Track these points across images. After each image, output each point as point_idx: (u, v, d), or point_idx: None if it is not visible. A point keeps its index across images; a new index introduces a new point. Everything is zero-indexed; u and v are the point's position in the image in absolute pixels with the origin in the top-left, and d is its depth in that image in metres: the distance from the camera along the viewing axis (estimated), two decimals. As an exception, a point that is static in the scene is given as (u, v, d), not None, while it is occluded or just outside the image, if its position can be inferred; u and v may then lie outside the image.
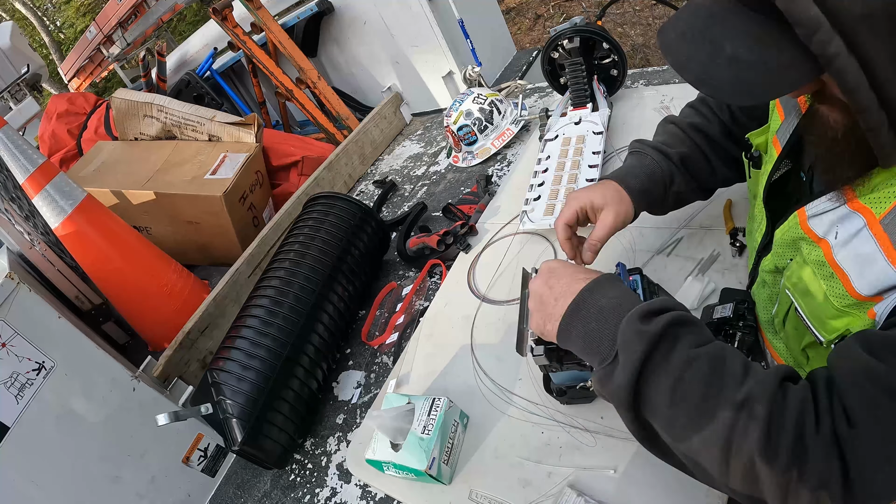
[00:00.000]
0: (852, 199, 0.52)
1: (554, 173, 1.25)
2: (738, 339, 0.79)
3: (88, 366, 1.07)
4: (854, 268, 0.51)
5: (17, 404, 0.97)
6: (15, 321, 0.98)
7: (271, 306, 1.18)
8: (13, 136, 1.38)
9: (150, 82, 2.90)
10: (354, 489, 1.02)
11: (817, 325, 0.57)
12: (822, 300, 0.55)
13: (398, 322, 1.26)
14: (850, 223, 0.52)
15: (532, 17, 4.55)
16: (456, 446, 0.86)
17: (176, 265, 1.64)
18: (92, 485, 1.05)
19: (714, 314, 0.82)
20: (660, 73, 1.56)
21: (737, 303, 0.79)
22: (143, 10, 2.73)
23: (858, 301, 0.51)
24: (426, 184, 1.73)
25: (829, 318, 0.55)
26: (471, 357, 1.02)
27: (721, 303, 0.84)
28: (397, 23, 1.98)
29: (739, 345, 0.78)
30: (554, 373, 0.80)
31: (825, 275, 0.54)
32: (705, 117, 0.86)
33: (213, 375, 1.09)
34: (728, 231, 0.93)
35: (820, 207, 0.56)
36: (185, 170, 1.84)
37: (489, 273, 1.18)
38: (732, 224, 0.94)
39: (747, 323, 0.76)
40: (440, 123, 2.02)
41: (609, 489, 0.74)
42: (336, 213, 1.36)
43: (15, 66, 3.39)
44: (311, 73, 2.19)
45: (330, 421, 1.17)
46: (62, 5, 10.98)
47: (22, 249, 1.66)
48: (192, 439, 1.18)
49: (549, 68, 1.45)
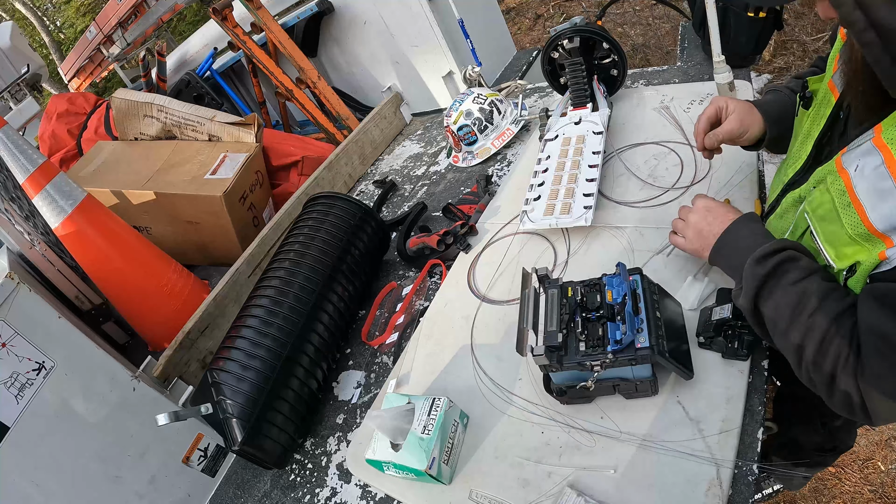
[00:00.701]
0: (877, 136, 0.56)
1: (554, 173, 1.25)
2: (738, 338, 0.79)
3: (88, 366, 1.07)
4: (870, 200, 0.56)
5: (17, 404, 0.97)
6: (15, 321, 0.98)
7: (271, 306, 1.18)
8: (13, 136, 1.37)
9: (150, 82, 2.90)
10: (354, 489, 1.02)
11: (830, 249, 0.64)
12: (838, 227, 0.60)
13: (398, 322, 1.26)
14: (871, 158, 0.57)
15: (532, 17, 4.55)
16: (456, 446, 0.86)
17: (176, 265, 1.64)
18: (92, 485, 1.05)
19: (713, 315, 0.83)
20: (660, 73, 1.56)
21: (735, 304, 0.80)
22: (143, 10, 2.73)
23: (870, 234, 0.57)
24: (426, 184, 1.73)
25: (842, 244, 0.62)
26: (471, 357, 1.02)
27: (718, 303, 0.85)
28: (397, 23, 1.98)
29: (741, 345, 0.79)
30: (554, 373, 0.81)
31: (844, 204, 0.59)
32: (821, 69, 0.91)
33: (213, 375, 1.09)
34: None
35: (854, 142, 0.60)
36: (185, 170, 1.84)
37: (489, 273, 1.18)
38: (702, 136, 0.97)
39: (746, 322, 0.77)
40: (440, 123, 2.02)
41: (609, 489, 0.74)
42: (336, 213, 1.36)
43: (15, 66, 3.39)
44: (311, 73, 2.19)
45: (330, 421, 1.17)
46: (62, 5, 10.97)
47: (22, 249, 1.66)
48: (192, 439, 1.18)
49: (549, 68, 1.45)
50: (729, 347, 0.80)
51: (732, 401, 0.76)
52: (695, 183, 1.13)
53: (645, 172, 1.22)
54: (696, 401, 0.78)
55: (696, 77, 1.48)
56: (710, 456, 0.72)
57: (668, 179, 1.17)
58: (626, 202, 1.17)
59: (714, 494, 0.69)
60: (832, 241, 0.64)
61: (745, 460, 0.73)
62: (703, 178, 1.12)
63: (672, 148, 1.24)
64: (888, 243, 0.56)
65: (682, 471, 0.72)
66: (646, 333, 0.74)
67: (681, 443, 0.75)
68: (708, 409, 0.77)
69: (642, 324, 0.75)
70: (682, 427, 0.76)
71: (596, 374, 0.77)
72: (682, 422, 0.77)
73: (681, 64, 1.57)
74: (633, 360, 0.74)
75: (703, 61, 1.52)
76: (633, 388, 0.80)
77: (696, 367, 0.80)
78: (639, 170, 1.23)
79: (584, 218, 1.11)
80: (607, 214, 1.16)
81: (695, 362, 0.81)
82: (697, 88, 1.37)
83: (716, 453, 0.72)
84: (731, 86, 1.25)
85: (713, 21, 1.23)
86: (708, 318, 0.84)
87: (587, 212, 1.12)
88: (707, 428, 0.75)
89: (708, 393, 0.79)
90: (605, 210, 1.18)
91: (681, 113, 1.32)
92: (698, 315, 0.87)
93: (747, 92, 1.27)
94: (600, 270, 0.87)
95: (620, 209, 1.16)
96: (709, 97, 1.31)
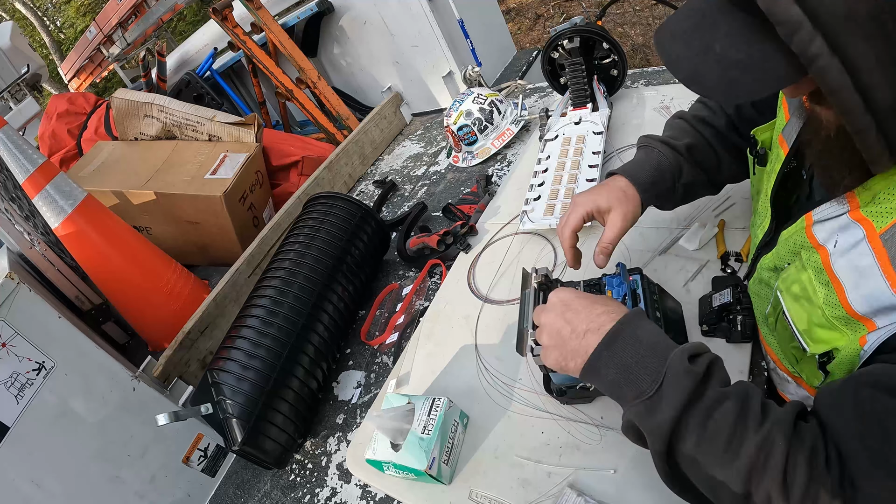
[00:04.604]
0: (854, 209, 0.52)
1: (554, 173, 1.25)
2: (739, 322, 0.79)
3: (88, 366, 1.07)
4: (850, 279, 0.51)
5: (17, 404, 0.97)
6: (15, 321, 0.98)
7: (271, 306, 1.18)
8: (13, 136, 1.38)
9: (150, 82, 2.90)
10: (354, 489, 1.02)
11: (804, 331, 0.57)
12: (814, 307, 0.55)
13: (398, 322, 1.26)
14: (850, 233, 0.51)
15: (532, 17, 4.55)
16: (456, 446, 0.86)
17: (176, 265, 1.64)
18: (92, 485, 1.05)
19: (713, 302, 0.83)
20: (660, 73, 1.56)
21: (732, 288, 0.80)
22: (143, 10, 2.73)
23: (849, 317, 0.51)
24: (426, 184, 1.73)
25: (818, 325, 0.55)
26: (471, 357, 1.02)
27: (715, 290, 0.85)
28: (397, 23, 1.98)
29: (742, 328, 0.78)
30: (554, 373, 0.80)
31: (822, 282, 0.54)
32: (712, 110, 0.86)
33: (213, 375, 1.09)
34: (719, 255, 0.93)
35: (825, 213, 0.55)
36: (185, 170, 1.84)
37: (489, 273, 1.18)
38: (724, 248, 0.93)
39: (744, 306, 0.77)
40: (440, 123, 2.02)
41: (609, 489, 0.74)
42: (336, 213, 1.36)
43: (15, 66, 3.39)
44: (311, 73, 2.19)
45: (330, 421, 1.17)
46: (62, 5, 10.98)
47: (22, 249, 1.66)
48: (192, 439, 1.18)
49: (549, 68, 1.46)
50: (734, 331, 0.79)
51: (732, 401, 0.76)
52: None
53: (645, 172, 1.22)
54: (696, 401, 0.78)
55: (696, 77, 1.48)
56: (710, 456, 0.72)
57: (668, 179, 1.17)
58: (626, 202, 1.17)
59: (714, 494, 0.69)
60: (806, 323, 0.56)
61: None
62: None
63: (672, 148, 1.24)
64: (870, 327, 0.49)
65: (682, 471, 0.72)
66: (646, 333, 0.74)
67: (681, 443, 0.75)
68: (708, 409, 0.77)
69: (642, 324, 0.75)
70: (682, 427, 0.76)
71: (596, 374, 0.76)
72: (682, 422, 0.77)
73: (681, 64, 1.57)
74: (633, 360, 0.74)
75: (703, 61, 1.52)
76: (633, 388, 0.80)
77: (696, 367, 0.80)
78: (639, 170, 1.23)
79: (584, 218, 1.11)
80: (607, 214, 1.16)
81: (695, 362, 0.81)
82: (697, 88, 1.37)
83: (716, 453, 0.72)
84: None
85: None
86: (709, 306, 0.84)
87: (587, 212, 1.12)
88: (707, 428, 0.75)
89: (708, 393, 0.78)
90: (605, 210, 1.17)
91: (681, 113, 1.32)
92: (696, 306, 0.87)
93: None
94: (600, 270, 0.86)
95: (620, 209, 1.16)
96: (709, 97, 1.31)
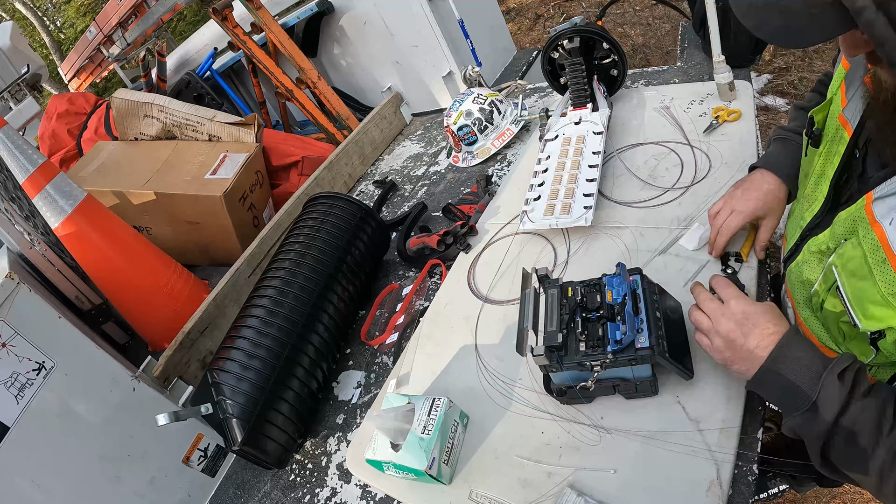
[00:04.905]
0: None
1: (554, 173, 1.25)
2: None
3: (88, 366, 1.07)
4: None
5: (17, 404, 0.97)
6: (15, 321, 0.98)
7: (271, 306, 1.18)
8: (13, 136, 1.37)
9: (150, 82, 2.90)
10: (354, 489, 1.02)
11: (858, 308, 0.60)
12: (870, 285, 0.57)
13: (398, 322, 1.26)
14: None
15: (532, 17, 4.55)
16: (456, 446, 0.86)
17: (176, 265, 1.64)
18: (92, 485, 1.05)
19: None
20: (660, 73, 1.56)
21: None
22: (143, 10, 2.73)
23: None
24: (426, 184, 1.73)
25: (873, 303, 0.57)
26: (471, 357, 1.02)
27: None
28: (397, 23, 1.98)
29: None
30: (554, 373, 0.80)
31: (878, 260, 0.56)
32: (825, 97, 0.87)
33: (213, 375, 1.09)
34: (745, 256, 0.93)
35: (886, 189, 0.57)
36: (185, 170, 1.84)
37: (489, 273, 1.18)
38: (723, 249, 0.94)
39: None
40: (440, 123, 2.02)
41: (609, 489, 0.74)
42: (336, 213, 1.36)
43: (15, 66, 3.39)
44: (311, 73, 2.19)
45: (330, 421, 1.17)
46: (62, 5, 10.98)
47: (22, 249, 1.66)
48: (192, 439, 1.18)
49: (549, 68, 1.45)
50: None
51: (732, 401, 0.76)
52: (695, 183, 1.13)
53: (645, 172, 1.22)
54: (696, 401, 0.78)
55: (696, 77, 1.48)
56: (711, 456, 0.72)
57: (668, 179, 1.17)
58: (626, 202, 1.17)
59: (714, 494, 0.69)
60: (860, 300, 0.59)
61: (745, 460, 0.73)
62: (704, 179, 1.12)
63: (672, 148, 1.24)
64: None
65: (682, 471, 0.72)
66: (646, 333, 0.74)
67: (681, 443, 0.75)
68: (708, 409, 0.77)
69: (642, 324, 0.75)
70: (682, 427, 0.76)
71: (596, 375, 0.77)
72: (682, 422, 0.77)
73: (681, 64, 1.57)
74: (633, 360, 0.74)
75: (703, 61, 1.52)
76: (633, 388, 0.80)
77: (696, 367, 0.80)
78: (639, 170, 1.23)
79: (584, 218, 1.11)
80: (607, 214, 1.16)
81: (695, 362, 0.81)
82: (697, 88, 1.37)
83: (716, 453, 0.72)
84: (731, 86, 1.25)
85: (713, 21, 1.23)
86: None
87: (587, 212, 1.12)
88: (707, 428, 0.75)
89: (708, 393, 0.79)
90: (605, 210, 1.18)
91: (681, 113, 1.32)
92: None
93: (747, 92, 1.27)
94: (600, 270, 0.86)
95: (620, 209, 1.16)
96: (709, 97, 1.31)
